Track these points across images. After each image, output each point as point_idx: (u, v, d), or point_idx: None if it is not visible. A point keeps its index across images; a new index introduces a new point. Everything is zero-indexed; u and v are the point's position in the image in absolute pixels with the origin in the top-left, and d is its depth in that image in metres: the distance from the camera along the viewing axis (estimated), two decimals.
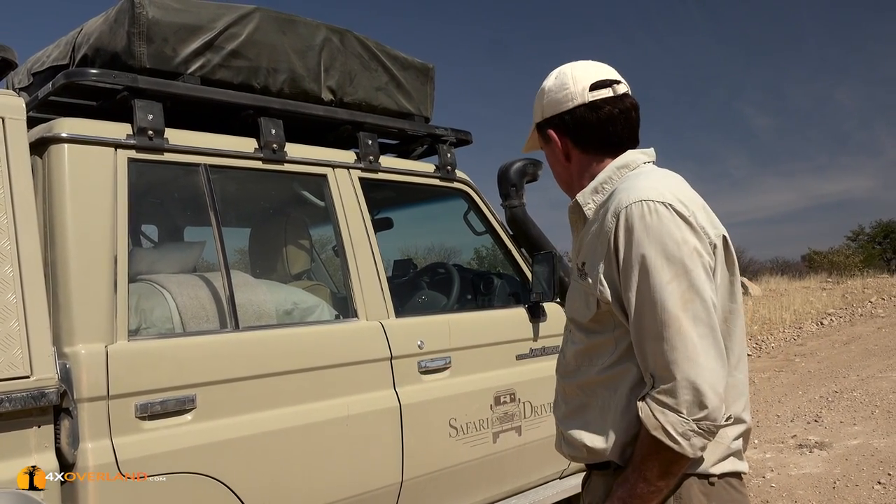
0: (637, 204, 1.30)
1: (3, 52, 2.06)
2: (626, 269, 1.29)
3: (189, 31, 2.39)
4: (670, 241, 1.27)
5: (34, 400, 1.79)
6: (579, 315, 1.43)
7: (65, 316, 1.95)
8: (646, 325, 1.27)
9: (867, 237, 32.58)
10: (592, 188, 1.45)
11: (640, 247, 1.27)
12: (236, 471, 2.14)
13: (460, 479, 2.79)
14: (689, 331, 1.24)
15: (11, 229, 1.85)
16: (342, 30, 2.86)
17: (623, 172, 1.44)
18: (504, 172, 3.42)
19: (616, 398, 1.36)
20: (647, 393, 1.29)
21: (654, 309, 1.26)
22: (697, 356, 1.24)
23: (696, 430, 1.24)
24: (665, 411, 1.25)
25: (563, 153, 1.51)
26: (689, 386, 1.23)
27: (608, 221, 1.33)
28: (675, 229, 1.28)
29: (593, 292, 1.36)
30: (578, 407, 1.44)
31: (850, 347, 10.41)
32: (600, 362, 1.39)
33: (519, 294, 3.36)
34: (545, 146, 1.56)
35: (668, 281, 1.25)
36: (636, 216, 1.29)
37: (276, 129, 2.54)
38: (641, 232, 1.28)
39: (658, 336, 1.26)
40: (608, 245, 1.32)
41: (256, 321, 2.41)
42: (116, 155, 2.14)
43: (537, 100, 1.55)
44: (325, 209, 2.75)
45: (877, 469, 4.76)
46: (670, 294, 1.25)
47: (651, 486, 1.28)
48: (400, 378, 2.61)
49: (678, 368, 1.24)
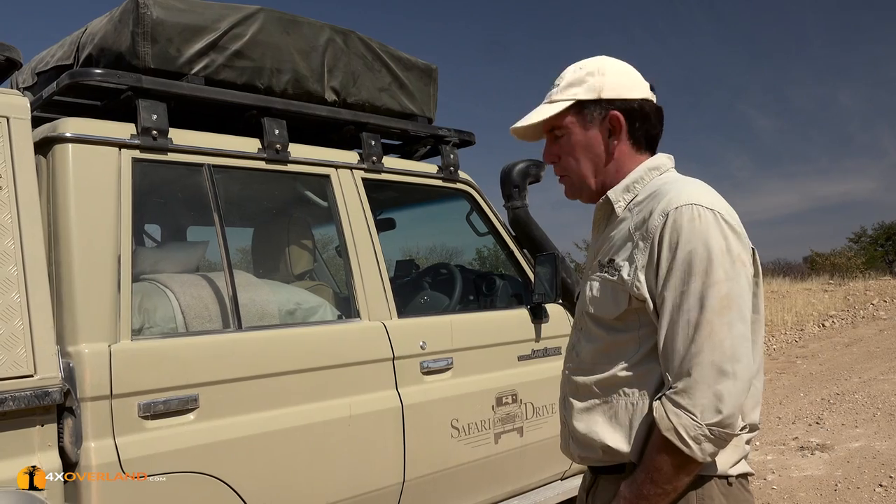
0: (688, 207, 1.31)
1: (8, 52, 2.07)
2: (668, 268, 1.30)
3: (193, 32, 2.39)
4: (717, 247, 1.28)
5: (38, 399, 1.79)
6: (604, 311, 1.40)
7: (68, 315, 1.96)
8: (678, 324, 1.28)
9: (869, 239, 32.49)
10: (624, 186, 1.45)
11: (686, 248, 1.28)
12: (239, 470, 2.14)
13: (462, 479, 2.80)
14: (721, 337, 1.25)
15: (16, 229, 1.85)
16: (346, 30, 2.86)
17: (653, 174, 1.45)
18: (507, 173, 3.42)
19: (642, 398, 1.35)
20: (663, 393, 1.29)
21: (689, 310, 1.27)
22: (724, 363, 1.24)
23: (707, 436, 1.24)
24: (679, 413, 1.25)
25: (605, 140, 1.45)
26: (709, 390, 1.24)
27: (654, 219, 1.33)
28: (722, 237, 1.29)
29: (627, 288, 1.35)
30: (595, 406, 1.42)
31: (852, 349, 10.40)
32: (622, 361, 1.38)
33: (521, 295, 3.36)
34: (577, 127, 1.46)
35: (710, 285, 1.26)
36: (686, 218, 1.30)
37: (279, 130, 2.54)
38: (690, 234, 1.29)
39: (688, 337, 1.26)
40: (652, 242, 1.32)
41: (259, 321, 2.41)
42: (120, 155, 2.15)
43: (588, 76, 1.45)
44: (328, 209, 2.75)
45: (878, 472, 4.75)
46: (709, 298, 1.26)
47: (658, 488, 1.28)
48: (402, 378, 2.62)
49: (700, 371, 1.24)
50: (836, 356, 9.94)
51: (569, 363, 1.53)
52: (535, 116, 1.47)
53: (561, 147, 1.49)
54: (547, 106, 1.47)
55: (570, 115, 1.46)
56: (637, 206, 1.42)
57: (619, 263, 1.38)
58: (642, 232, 1.35)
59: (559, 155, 1.50)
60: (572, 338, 1.55)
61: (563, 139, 1.48)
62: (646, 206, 1.38)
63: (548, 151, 1.52)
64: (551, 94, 1.49)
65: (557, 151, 1.50)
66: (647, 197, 1.41)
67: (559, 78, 1.50)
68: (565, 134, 1.47)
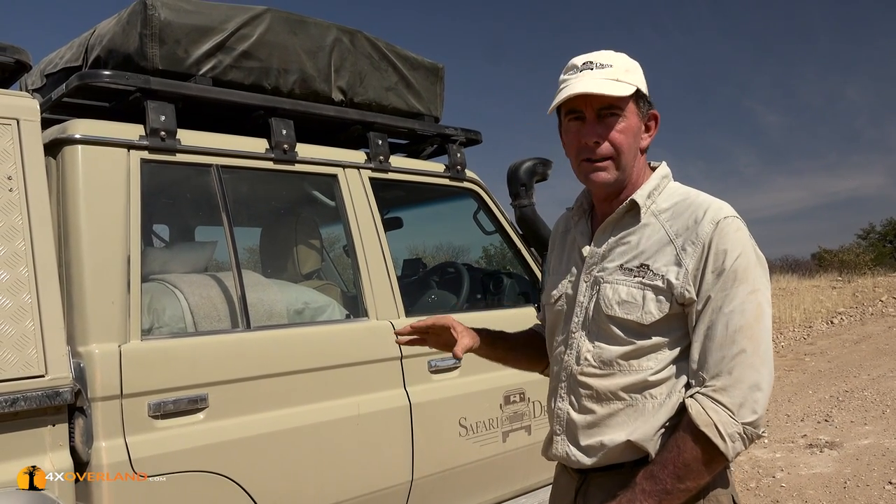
0: (732, 218, 1.38)
1: (17, 55, 2.08)
2: (716, 273, 1.35)
3: (201, 33, 2.40)
4: (755, 257, 1.37)
5: (49, 399, 1.80)
6: (638, 316, 1.38)
7: (79, 316, 1.97)
8: (718, 326, 1.33)
9: (878, 235, 32.35)
10: (648, 192, 1.47)
11: (734, 255, 1.34)
12: (248, 469, 2.15)
13: (470, 478, 2.80)
14: (760, 340, 1.32)
15: (26, 230, 1.86)
16: (352, 30, 2.87)
17: (665, 183, 1.50)
18: (514, 172, 3.41)
19: (668, 398, 1.38)
20: (697, 390, 1.33)
21: (732, 313, 1.32)
22: (762, 365, 1.32)
23: (741, 434, 1.30)
24: (718, 410, 1.30)
25: (642, 137, 1.47)
26: (748, 390, 1.30)
27: (704, 226, 1.37)
28: (754, 248, 1.39)
29: (675, 293, 1.36)
30: (618, 410, 1.41)
31: (861, 347, 10.35)
32: (654, 364, 1.39)
33: (529, 293, 3.36)
34: (634, 116, 1.44)
35: (751, 292, 1.34)
36: (732, 228, 1.37)
37: (286, 130, 2.55)
38: (736, 243, 1.36)
39: (728, 339, 1.32)
40: (703, 248, 1.36)
41: (267, 321, 2.42)
42: (129, 156, 2.16)
43: (635, 69, 1.45)
44: (336, 209, 2.76)
45: (888, 469, 4.73)
46: (751, 303, 1.33)
47: (682, 483, 1.31)
48: (410, 377, 2.62)
49: (741, 372, 1.30)
50: (844, 353, 9.90)
51: (574, 367, 1.47)
52: (612, 89, 1.38)
53: (607, 127, 1.41)
54: (613, 83, 1.39)
55: (630, 100, 1.42)
56: (663, 213, 1.44)
57: (661, 268, 1.38)
58: (689, 237, 1.38)
59: (603, 136, 1.41)
60: (571, 340, 1.50)
61: (614, 119, 1.41)
62: (682, 213, 1.42)
63: (594, 130, 1.42)
64: (607, 72, 1.40)
65: (602, 132, 1.41)
66: (675, 204, 1.44)
67: (603, 58, 1.42)
68: (620, 116, 1.41)
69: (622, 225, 1.47)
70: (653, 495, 1.31)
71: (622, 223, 1.47)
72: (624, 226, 1.47)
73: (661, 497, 1.31)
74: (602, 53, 1.45)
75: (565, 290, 1.55)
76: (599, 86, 1.38)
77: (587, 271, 1.49)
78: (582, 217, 1.59)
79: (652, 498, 1.31)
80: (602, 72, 1.41)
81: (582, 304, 1.49)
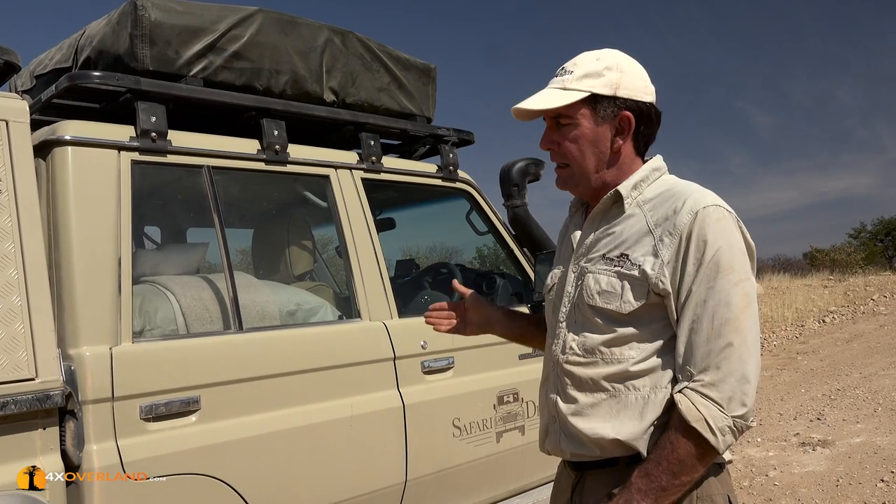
0: (713, 207, 1.36)
1: (6, 55, 2.07)
2: (696, 264, 1.33)
3: (191, 34, 2.39)
4: (738, 247, 1.35)
5: (39, 402, 1.79)
6: (616, 305, 1.39)
7: (69, 318, 1.96)
8: (704, 319, 1.32)
9: (869, 235, 32.52)
10: (633, 184, 1.46)
11: (715, 246, 1.33)
12: (241, 472, 2.15)
13: (464, 478, 2.80)
14: (746, 331, 1.31)
15: (16, 232, 1.85)
16: (344, 31, 2.86)
17: (656, 175, 1.48)
18: (506, 172, 3.42)
19: (654, 392, 1.37)
20: (686, 386, 1.32)
21: (717, 306, 1.31)
22: (749, 356, 1.31)
23: (731, 427, 1.29)
24: (708, 404, 1.29)
25: (611, 137, 1.44)
26: (736, 384, 1.29)
27: (682, 216, 1.35)
28: (740, 238, 1.37)
29: (650, 283, 1.36)
30: (601, 401, 1.42)
31: (853, 345, 10.40)
32: (635, 355, 1.39)
33: (522, 293, 3.37)
34: (587, 121, 1.43)
35: (735, 283, 1.32)
36: (713, 218, 1.35)
37: (278, 131, 2.54)
38: (718, 233, 1.33)
39: (714, 332, 1.30)
40: (680, 238, 1.35)
41: (260, 322, 2.41)
42: (120, 157, 2.15)
43: (606, 70, 1.42)
44: (328, 210, 2.75)
45: (880, 467, 4.75)
46: (735, 294, 1.31)
47: (677, 479, 1.31)
48: (403, 378, 2.62)
49: (730, 365, 1.29)
50: (836, 352, 9.95)
51: (560, 356, 1.49)
52: (546, 102, 1.43)
53: (563, 135, 1.45)
54: (559, 92, 1.43)
55: (583, 106, 1.42)
56: (647, 203, 1.43)
57: (639, 258, 1.38)
58: (667, 228, 1.37)
59: (559, 142, 1.46)
60: (558, 330, 1.51)
61: (568, 128, 1.44)
62: (663, 203, 1.40)
63: (547, 138, 1.48)
64: (564, 80, 1.43)
65: (558, 139, 1.46)
66: (658, 195, 1.43)
67: (572, 64, 1.45)
68: (572, 124, 1.44)
69: (609, 216, 1.48)
70: (649, 493, 1.31)
71: (609, 214, 1.48)
72: (610, 217, 1.48)
73: (658, 494, 1.31)
74: (579, 56, 1.47)
75: (556, 281, 1.58)
76: (537, 101, 1.44)
77: (575, 262, 1.51)
78: (579, 210, 1.61)
79: (648, 496, 1.31)
80: (559, 79, 1.45)
81: (569, 294, 1.50)
